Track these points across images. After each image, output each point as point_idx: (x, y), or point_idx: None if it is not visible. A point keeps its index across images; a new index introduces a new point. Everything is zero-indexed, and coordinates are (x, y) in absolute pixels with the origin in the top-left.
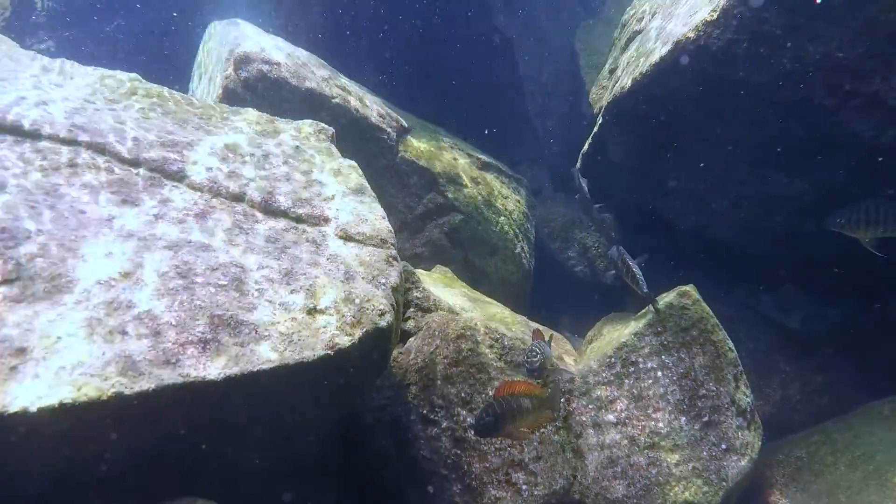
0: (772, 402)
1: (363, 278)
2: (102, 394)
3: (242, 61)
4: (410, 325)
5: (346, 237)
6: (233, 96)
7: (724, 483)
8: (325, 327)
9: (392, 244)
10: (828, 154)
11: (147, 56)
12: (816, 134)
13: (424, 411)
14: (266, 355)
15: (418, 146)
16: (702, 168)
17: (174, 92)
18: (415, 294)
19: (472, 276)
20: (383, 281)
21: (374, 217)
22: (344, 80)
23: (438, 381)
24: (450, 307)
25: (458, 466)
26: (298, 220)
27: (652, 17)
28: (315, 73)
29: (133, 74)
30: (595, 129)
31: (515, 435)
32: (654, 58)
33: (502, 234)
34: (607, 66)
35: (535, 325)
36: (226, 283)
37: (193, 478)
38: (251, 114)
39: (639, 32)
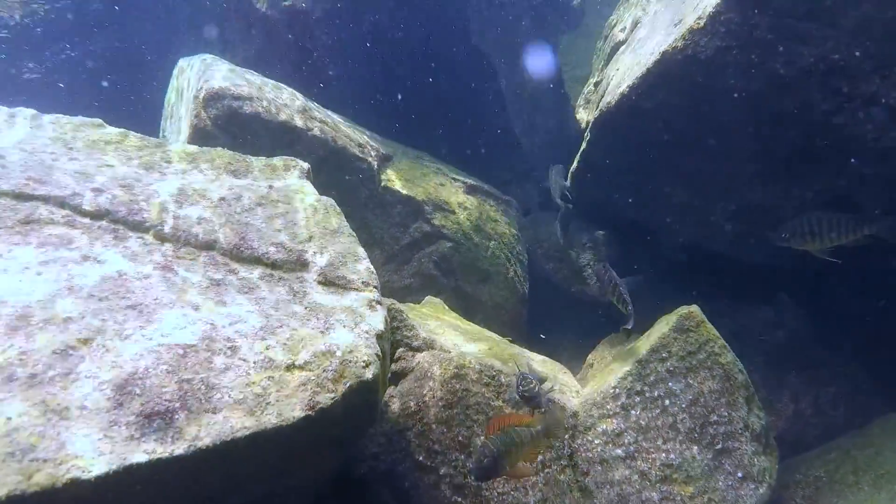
0: (784, 417)
1: (345, 327)
2: (56, 481)
3: (212, 98)
4: (401, 365)
5: (326, 282)
6: (203, 134)
7: None
8: (304, 385)
9: (375, 287)
10: (828, 160)
11: (115, 95)
12: (815, 140)
13: (420, 458)
14: (241, 422)
15: (401, 174)
16: (697, 181)
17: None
18: (404, 333)
19: (464, 305)
20: (366, 328)
21: (354, 259)
22: (320, 111)
23: (433, 425)
24: (441, 344)
25: None
26: (274, 266)
27: (634, 27)
28: (289, 105)
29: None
30: (583, 145)
31: (516, 472)
32: (641, 70)
33: (494, 260)
34: (592, 79)
35: (531, 355)
36: (195, 342)
37: None
38: (219, 153)
39: (622, 43)
